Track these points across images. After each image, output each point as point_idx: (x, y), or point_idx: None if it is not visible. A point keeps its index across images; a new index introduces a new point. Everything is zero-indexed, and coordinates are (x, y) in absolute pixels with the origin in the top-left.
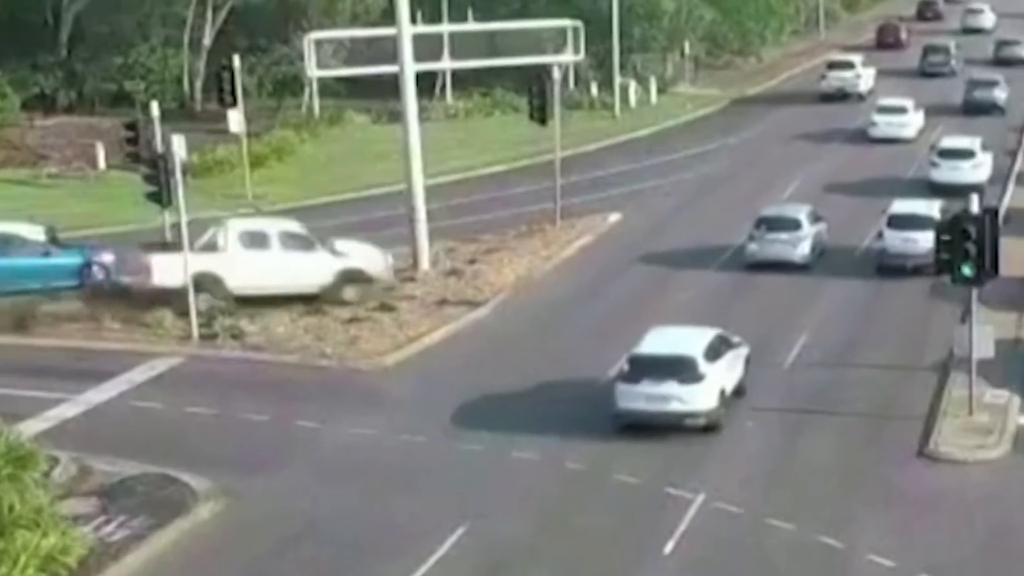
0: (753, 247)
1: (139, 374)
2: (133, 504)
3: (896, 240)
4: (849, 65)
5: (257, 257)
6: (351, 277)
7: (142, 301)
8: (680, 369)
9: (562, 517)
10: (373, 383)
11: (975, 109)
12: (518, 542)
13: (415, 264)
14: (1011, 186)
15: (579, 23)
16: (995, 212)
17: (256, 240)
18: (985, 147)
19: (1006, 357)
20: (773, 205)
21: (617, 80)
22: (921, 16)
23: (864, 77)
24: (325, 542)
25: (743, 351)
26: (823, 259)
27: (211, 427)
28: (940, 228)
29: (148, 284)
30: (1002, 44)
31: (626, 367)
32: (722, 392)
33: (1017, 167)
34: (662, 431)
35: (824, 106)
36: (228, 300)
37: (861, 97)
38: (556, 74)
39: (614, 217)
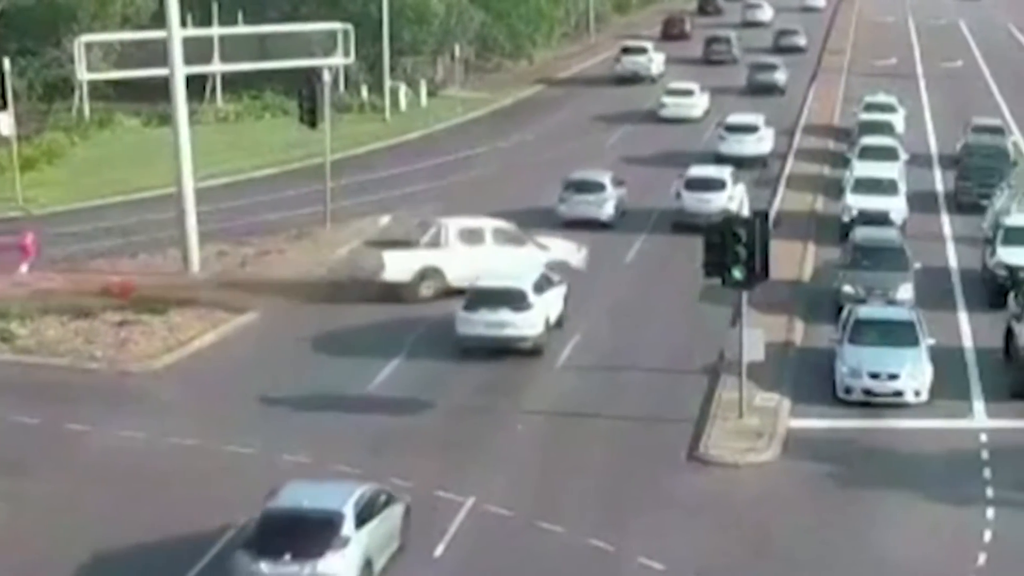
0: (563, 208)
1: None
2: None
3: (692, 200)
4: (642, 50)
5: (474, 252)
6: (554, 269)
7: (372, 294)
8: (512, 299)
9: None
10: (143, 386)
11: (758, 90)
12: None
13: (185, 267)
14: (781, 189)
15: (349, 26)
16: (765, 215)
17: (473, 236)
18: (768, 123)
19: (776, 360)
20: (579, 170)
21: (387, 83)
22: (702, 11)
23: (656, 62)
24: (95, 544)
25: (563, 289)
26: (625, 218)
27: None
28: (709, 231)
29: (380, 278)
30: (781, 33)
31: (465, 299)
32: (547, 320)
33: (788, 170)
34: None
35: (619, 88)
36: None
37: (653, 80)
38: (326, 77)
39: (385, 220)
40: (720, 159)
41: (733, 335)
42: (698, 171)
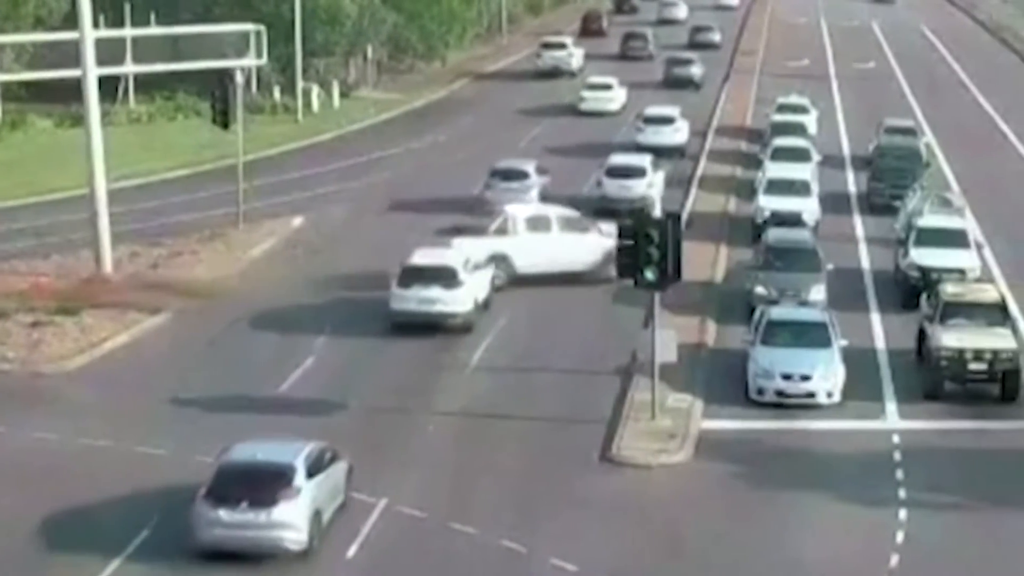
0: (489, 194)
1: None
2: None
3: (614, 187)
4: (562, 46)
5: (540, 239)
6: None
7: None
8: (444, 277)
9: None
10: (56, 387)
11: (674, 84)
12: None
13: (98, 268)
14: (694, 190)
15: (261, 27)
16: (677, 217)
17: (540, 224)
18: (683, 115)
19: (688, 362)
20: (505, 159)
21: (300, 84)
22: (619, 10)
23: (575, 56)
24: (3, 546)
25: (490, 272)
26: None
27: None
28: (622, 232)
29: None
30: (697, 30)
31: (398, 275)
32: (475, 300)
33: (700, 171)
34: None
35: (539, 83)
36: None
37: (572, 75)
38: (239, 78)
39: (297, 221)
40: (639, 149)
41: (645, 336)
42: (619, 159)
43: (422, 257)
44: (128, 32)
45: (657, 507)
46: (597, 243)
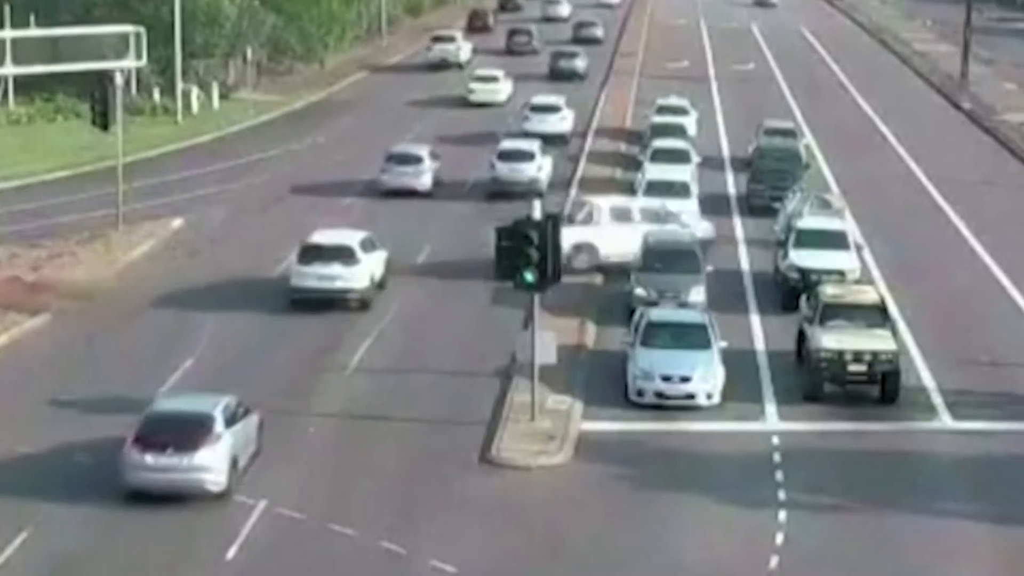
0: (384, 178)
1: None
2: None
3: (505, 170)
4: (451, 39)
5: (623, 229)
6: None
7: None
8: (342, 255)
9: (121, 522)
10: None
11: (559, 76)
12: (84, 548)
13: None
14: (574, 191)
15: (141, 29)
16: (557, 218)
17: (623, 215)
18: (568, 104)
19: (568, 363)
20: (401, 144)
21: (179, 86)
22: (503, 8)
23: (464, 50)
24: None
25: (384, 253)
26: (441, 188)
27: None
28: (501, 234)
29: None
30: (580, 26)
31: (299, 254)
32: (371, 277)
33: (580, 172)
34: None
35: (429, 75)
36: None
37: (461, 67)
38: (118, 80)
39: (177, 222)
40: (526, 136)
41: (525, 338)
42: (510, 144)
43: (321, 236)
44: (7, 33)
45: (537, 508)
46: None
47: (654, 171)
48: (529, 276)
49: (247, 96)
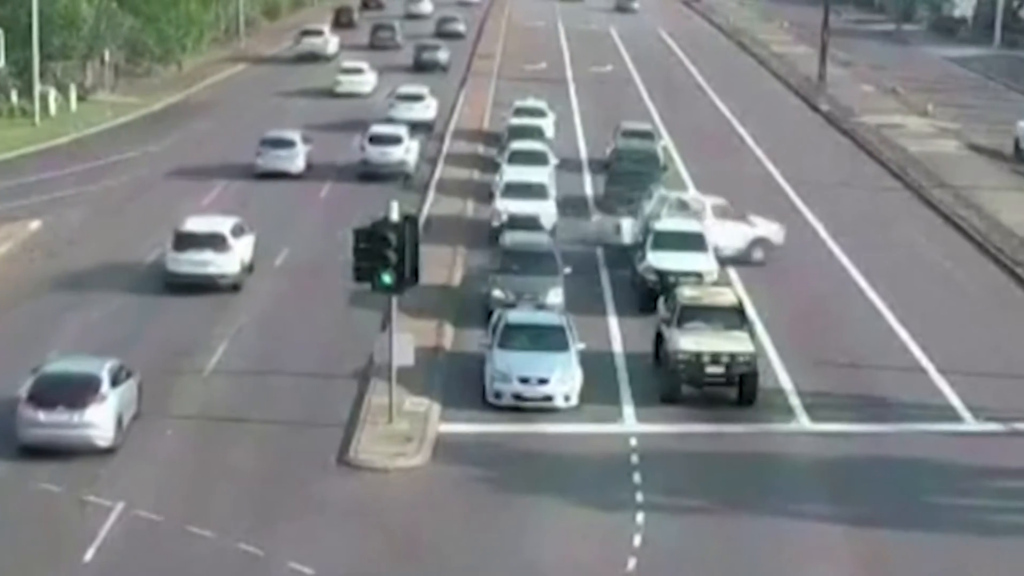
0: (259, 161)
1: None
2: None
3: (375, 153)
4: (319, 32)
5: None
6: (759, 243)
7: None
8: (214, 242)
9: None
10: None
11: (423, 67)
12: None
13: None
14: (431, 193)
15: None
16: (415, 220)
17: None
18: (433, 93)
19: (426, 365)
20: (275, 128)
21: (37, 88)
22: (365, 6)
23: (331, 43)
24: None
25: (252, 237)
26: (313, 170)
27: None
28: (359, 236)
29: (616, 242)
30: (443, 21)
31: (173, 241)
32: (242, 262)
33: (437, 174)
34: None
35: (298, 67)
36: None
37: (328, 59)
38: None
39: (35, 224)
40: (392, 123)
41: (383, 340)
42: (379, 129)
43: (194, 224)
44: None
45: (395, 510)
46: (745, 230)
47: (512, 173)
48: (387, 278)
49: (105, 98)
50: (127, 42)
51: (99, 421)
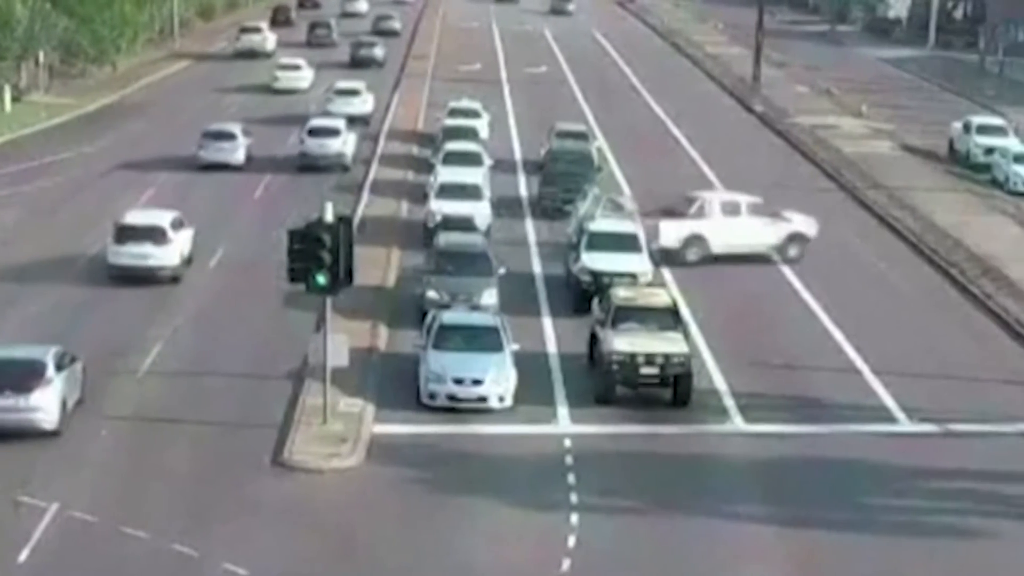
0: (202, 153)
1: None
2: None
3: (314, 145)
4: (258, 30)
5: (732, 222)
6: (795, 238)
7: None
8: (154, 235)
9: None
10: None
11: (359, 63)
12: None
13: None
14: (366, 194)
15: None
16: (349, 221)
17: (732, 209)
18: (369, 88)
19: (360, 366)
20: (216, 122)
21: None
22: (302, 5)
23: (269, 40)
24: None
25: (191, 231)
26: (253, 162)
27: None
28: (293, 236)
29: (655, 245)
30: (379, 18)
31: (113, 234)
32: (181, 254)
33: (372, 175)
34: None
35: (236, 63)
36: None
37: (267, 55)
38: None
39: None
40: (330, 116)
41: (317, 340)
42: (318, 121)
43: (134, 217)
44: None
45: (329, 511)
46: (780, 227)
47: (446, 174)
48: (321, 279)
49: (39, 99)
50: (61, 43)
51: (45, 405)
